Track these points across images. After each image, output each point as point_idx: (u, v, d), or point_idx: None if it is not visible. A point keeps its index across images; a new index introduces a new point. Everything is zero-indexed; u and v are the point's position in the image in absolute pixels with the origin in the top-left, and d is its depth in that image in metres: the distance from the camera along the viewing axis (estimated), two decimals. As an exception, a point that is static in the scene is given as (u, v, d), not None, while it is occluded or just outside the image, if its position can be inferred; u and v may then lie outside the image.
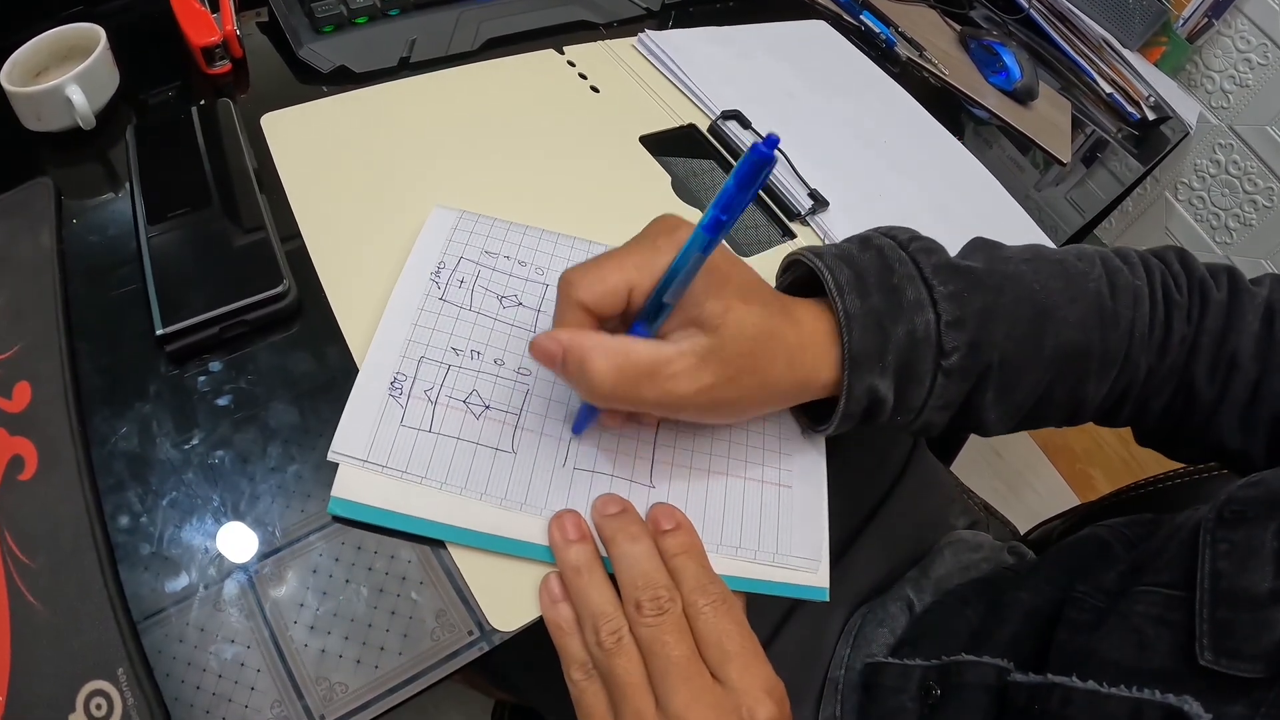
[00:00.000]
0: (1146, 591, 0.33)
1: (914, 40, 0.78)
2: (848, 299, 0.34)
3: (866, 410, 0.35)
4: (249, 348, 0.39)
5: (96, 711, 0.28)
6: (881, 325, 0.34)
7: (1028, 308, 0.35)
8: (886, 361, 0.34)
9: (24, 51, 0.46)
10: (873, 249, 0.36)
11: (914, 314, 0.34)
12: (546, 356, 0.32)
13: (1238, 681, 0.28)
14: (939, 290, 0.34)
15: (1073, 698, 0.31)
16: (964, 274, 0.35)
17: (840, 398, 0.34)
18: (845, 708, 0.46)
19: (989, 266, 0.36)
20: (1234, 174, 1.10)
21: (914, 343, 0.34)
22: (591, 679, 0.32)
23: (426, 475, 0.34)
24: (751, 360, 0.33)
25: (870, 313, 0.34)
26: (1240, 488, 0.32)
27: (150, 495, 0.34)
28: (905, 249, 0.36)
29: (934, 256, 0.36)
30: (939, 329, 0.34)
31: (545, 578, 0.34)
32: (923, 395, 0.35)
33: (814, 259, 0.36)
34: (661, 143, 0.56)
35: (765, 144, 0.27)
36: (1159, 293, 0.37)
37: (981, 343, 0.34)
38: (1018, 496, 1.33)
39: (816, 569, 0.37)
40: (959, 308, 0.34)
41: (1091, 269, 0.37)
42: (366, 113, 0.51)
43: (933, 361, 0.34)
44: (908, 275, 0.35)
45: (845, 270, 0.35)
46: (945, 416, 0.36)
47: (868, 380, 0.34)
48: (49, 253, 0.40)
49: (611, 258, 0.33)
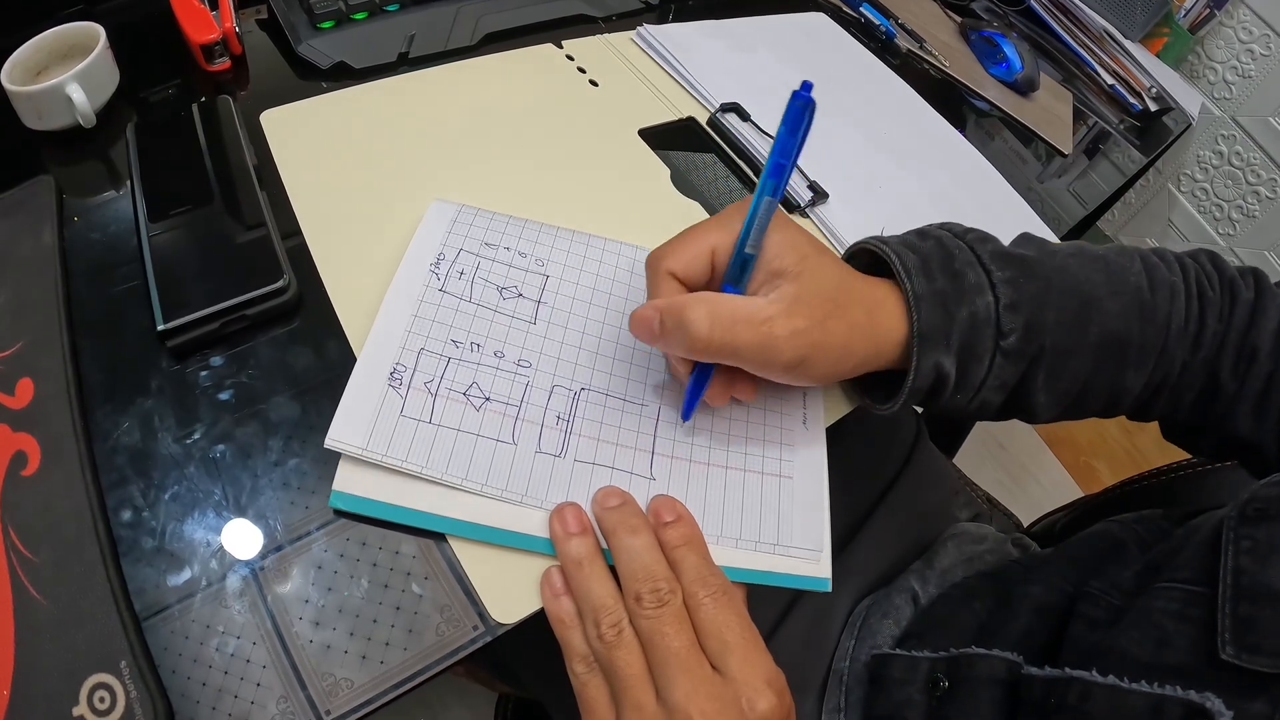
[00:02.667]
0: (1167, 587, 0.33)
1: (914, 32, 0.78)
2: (916, 280, 0.35)
3: (932, 387, 0.36)
4: (250, 342, 0.39)
5: (100, 704, 0.28)
6: (946, 306, 0.35)
7: (1074, 298, 0.37)
8: (951, 340, 0.35)
9: (24, 50, 0.46)
10: (932, 238, 0.38)
11: (975, 296, 0.36)
12: (644, 325, 0.34)
13: (1258, 677, 0.28)
14: (996, 275, 0.36)
15: (1092, 693, 0.31)
16: (1018, 262, 0.37)
17: (909, 373, 0.35)
18: (850, 699, 0.46)
19: (1039, 257, 0.38)
20: (1236, 165, 1.10)
21: (975, 323, 0.35)
22: (593, 671, 0.32)
23: (427, 467, 0.34)
24: (835, 305, 0.34)
25: (936, 294, 0.35)
26: (1263, 486, 0.33)
27: (153, 490, 0.34)
28: (962, 239, 0.38)
29: (989, 244, 0.38)
30: (998, 311, 0.35)
31: (546, 571, 0.34)
32: (982, 374, 0.36)
33: (879, 245, 0.38)
34: (661, 136, 0.56)
35: (803, 89, 0.32)
36: (1194, 289, 0.39)
37: (1035, 325, 0.36)
38: (1021, 488, 1.33)
39: (818, 559, 0.37)
40: (1015, 291, 0.36)
41: (1131, 265, 0.39)
42: (366, 108, 0.51)
43: (992, 341, 0.36)
44: (967, 261, 0.37)
45: (911, 255, 0.36)
46: (1000, 397, 0.37)
47: (935, 356, 0.35)
48: (51, 250, 0.40)
49: (691, 230, 0.35)
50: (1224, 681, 0.28)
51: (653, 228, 0.49)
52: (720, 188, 0.55)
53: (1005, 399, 0.38)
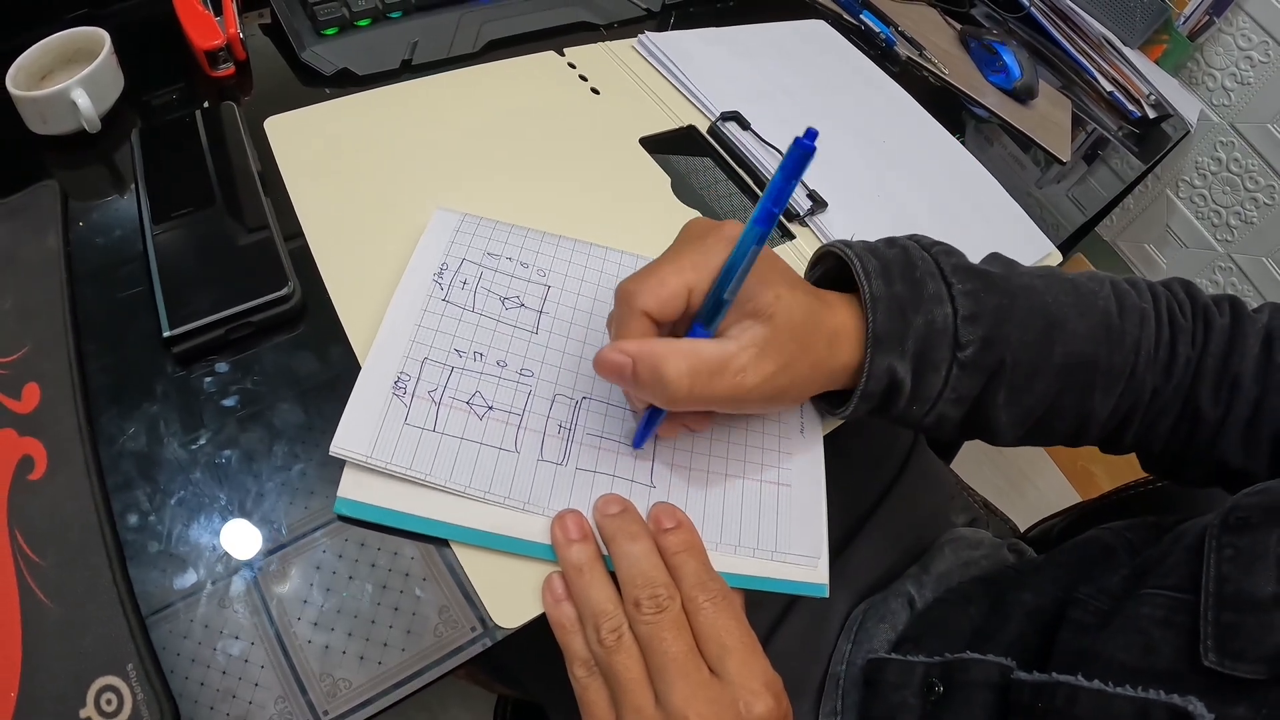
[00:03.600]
0: (1152, 594, 0.34)
1: (914, 39, 0.78)
2: (874, 283, 0.36)
3: (885, 392, 0.36)
4: (254, 349, 0.40)
5: (107, 706, 0.29)
6: (904, 312, 0.35)
7: (1040, 317, 0.37)
8: (906, 346, 0.35)
9: (29, 55, 0.47)
10: (898, 246, 0.38)
11: (933, 306, 0.36)
12: (613, 369, 0.32)
13: (1241, 683, 0.28)
14: (957, 288, 0.36)
15: (1079, 696, 0.32)
16: (980, 276, 0.37)
17: (861, 374, 0.36)
18: (846, 703, 0.47)
19: (1005, 274, 0.38)
20: (1235, 172, 1.10)
21: (932, 332, 0.35)
22: (594, 676, 0.32)
23: (430, 475, 0.35)
24: (801, 345, 0.34)
25: (894, 299, 0.35)
26: (1245, 495, 0.33)
27: (158, 494, 0.35)
28: (928, 250, 0.38)
29: (953, 258, 0.38)
30: (956, 322, 0.36)
31: (548, 577, 0.34)
32: (938, 385, 0.36)
33: (844, 249, 0.38)
34: (661, 144, 0.56)
35: (806, 138, 0.31)
36: (1164, 316, 0.39)
37: (995, 339, 0.36)
38: (1019, 493, 1.33)
39: (816, 565, 0.38)
40: (975, 304, 0.36)
41: (1100, 289, 0.39)
42: (369, 115, 0.51)
43: (949, 351, 0.36)
44: (929, 271, 0.37)
45: (872, 260, 0.37)
46: (958, 411, 0.37)
47: (888, 359, 0.35)
48: (56, 255, 0.40)
49: (665, 263, 0.33)
50: (1207, 687, 0.29)
51: (653, 235, 0.49)
52: (720, 194, 0.56)
53: (964, 414, 0.38)
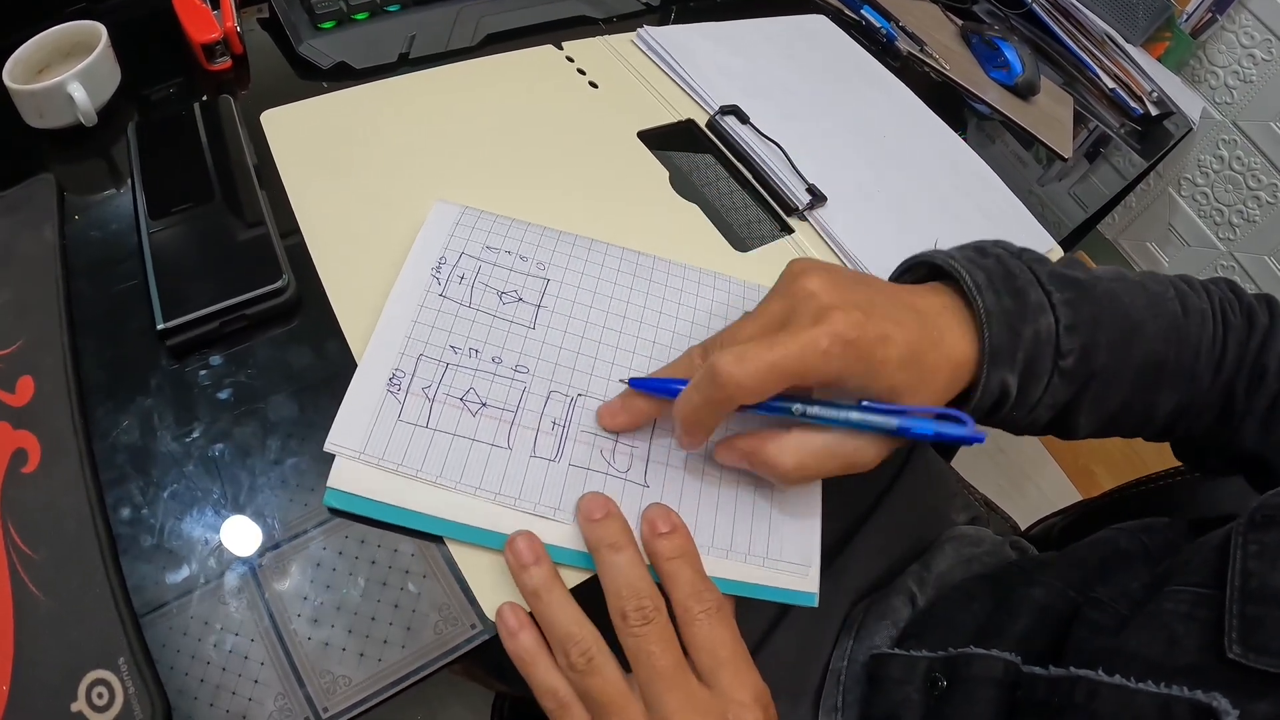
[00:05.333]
0: (1175, 590, 0.34)
1: (915, 35, 0.78)
2: (986, 297, 0.35)
3: (994, 403, 0.36)
4: (249, 342, 0.39)
5: (98, 700, 0.29)
6: (1013, 325, 0.35)
7: (1123, 321, 0.37)
8: (1017, 359, 0.35)
9: (26, 49, 0.46)
10: (991, 256, 0.37)
11: (1038, 316, 0.35)
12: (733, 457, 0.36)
13: (1264, 677, 0.28)
14: (1056, 296, 0.36)
15: (1099, 692, 0.31)
16: (1074, 284, 0.37)
17: (976, 389, 0.35)
18: (847, 700, 0.46)
19: (1091, 280, 0.38)
20: (1237, 170, 1.10)
21: (1039, 343, 0.35)
22: (565, 708, 0.31)
23: (421, 470, 0.34)
24: (866, 286, 0.35)
25: (1004, 312, 0.35)
26: (1272, 495, 0.33)
27: (152, 488, 0.34)
28: (1019, 258, 0.38)
29: (1046, 265, 0.38)
30: (1058, 332, 0.35)
31: (499, 610, 0.33)
32: (1039, 393, 0.36)
33: (946, 259, 0.37)
34: (660, 138, 0.56)
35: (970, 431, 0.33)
36: (1218, 314, 0.39)
37: (1090, 347, 0.36)
38: (1019, 492, 1.33)
39: (806, 573, 0.37)
40: (1074, 313, 0.36)
41: (1166, 290, 0.39)
42: (366, 109, 0.51)
43: (1051, 361, 0.35)
44: (1028, 281, 0.36)
45: (979, 273, 0.36)
46: (1049, 415, 0.37)
47: (1001, 374, 0.35)
48: (51, 248, 0.40)
49: (768, 348, 0.32)
50: (1230, 681, 0.28)
51: (651, 229, 0.50)
52: (719, 189, 0.55)
53: (1052, 417, 0.38)
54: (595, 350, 0.40)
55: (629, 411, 0.37)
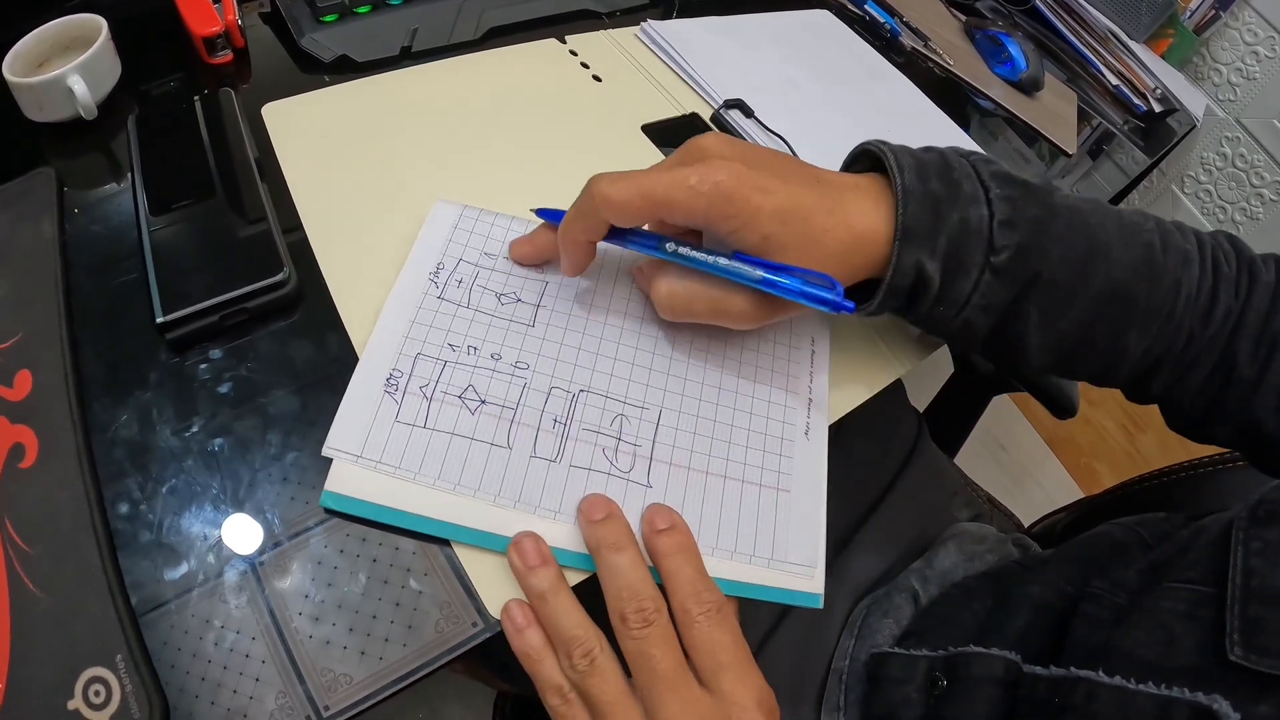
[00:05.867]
0: (1174, 588, 0.33)
1: (919, 30, 0.78)
2: (907, 177, 0.35)
3: (911, 288, 0.35)
4: (249, 336, 0.39)
5: (95, 698, 0.28)
6: (937, 208, 0.34)
7: (1082, 239, 0.36)
8: (938, 243, 0.34)
9: (26, 42, 0.46)
10: (935, 151, 0.37)
11: (969, 205, 0.35)
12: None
13: (1266, 679, 0.28)
14: (995, 192, 0.35)
15: (1098, 693, 0.31)
16: (1020, 185, 0.36)
17: (888, 267, 0.35)
18: (849, 698, 0.46)
19: (1047, 189, 0.37)
20: (1241, 167, 1.09)
21: (966, 231, 0.34)
22: (569, 703, 0.31)
23: (420, 472, 0.34)
24: (767, 154, 0.35)
25: (928, 195, 0.34)
26: (1273, 489, 0.33)
27: (150, 483, 0.34)
28: (966, 158, 0.37)
29: (992, 165, 0.37)
30: (991, 225, 0.35)
31: (505, 606, 0.33)
32: (968, 288, 0.35)
33: (879, 145, 0.37)
34: (664, 132, 0.55)
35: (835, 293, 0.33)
36: (1208, 261, 0.38)
37: (1031, 249, 0.35)
38: (1022, 490, 1.33)
39: (811, 574, 0.37)
40: (1013, 210, 0.35)
41: (1145, 222, 0.38)
42: (368, 102, 0.51)
43: (982, 255, 0.35)
44: (965, 173, 0.36)
45: (908, 158, 0.36)
46: (988, 320, 0.36)
47: (917, 255, 0.34)
48: (51, 242, 0.40)
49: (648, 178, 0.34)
50: (1231, 683, 0.28)
51: (655, 224, 0.49)
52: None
53: (994, 325, 0.37)
54: (597, 346, 0.40)
55: (533, 243, 0.41)
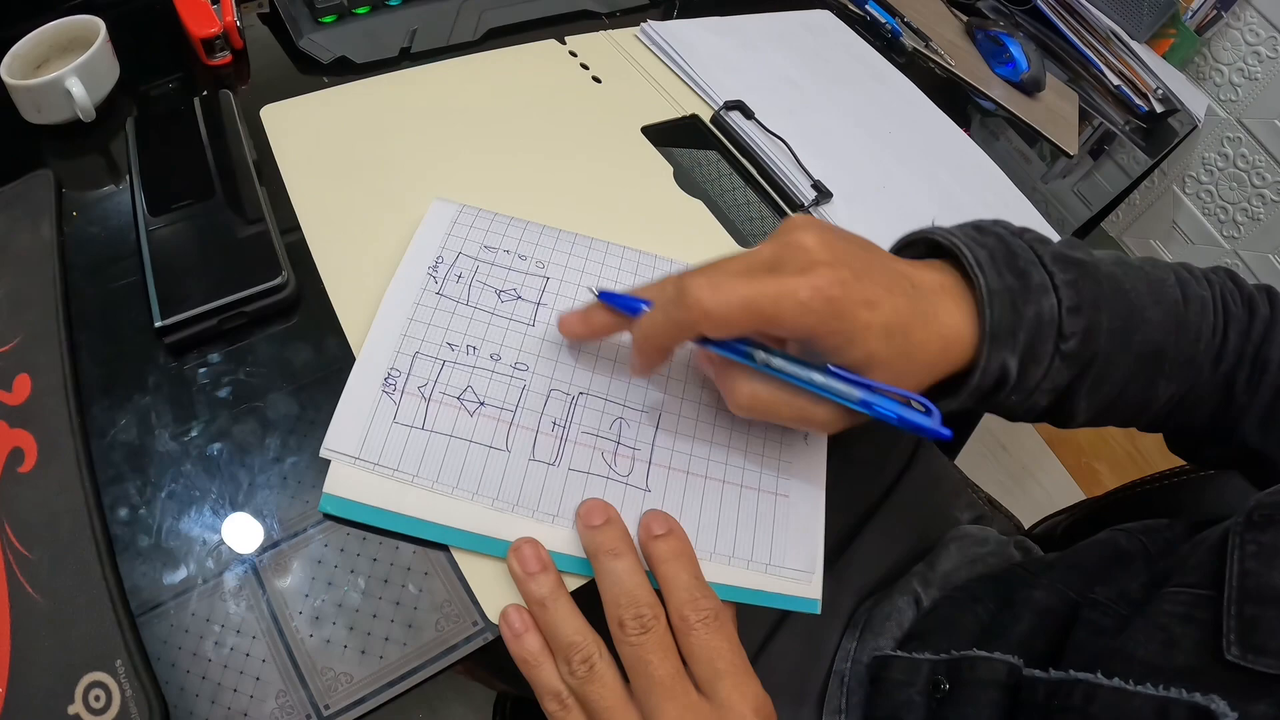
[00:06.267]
0: (1174, 592, 0.33)
1: (920, 30, 0.77)
2: (988, 275, 0.34)
3: (993, 386, 0.35)
4: (248, 339, 0.39)
5: (95, 703, 0.28)
6: (1015, 305, 0.34)
7: (1123, 306, 0.36)
8: (1018, 340, 0.34)
9: (24, 44, 0.46)
10: (991, 234, 0.36)
11: (1040, 297, 0.34)
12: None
13: (1263, 678, 0.28)
14: (1059, 277, 0.35)
15: (1097, 695, 0.31)
16: (1076, 265, 0.36)
17: (975, 371, 0.34)
18: (851, 701, 0.46)
19: (1093, 261, 0.37)
20: (1242, 167, 1.09)
21: (1040, 324, 0.34)
22: (568, 709, 0.31)
23: (418, 475, 0.34)
24: (863, 249, 0.33)
25: (1007, 291, 0.34)
26: (1268, 494, 0.33)
27: (149, 487, 0.34)
28: (1020, 237, 0.37)
29: (1048, 246, 0.36)
30: (1061, 313, 0.34)
31: (504, 612, 0.33)
32: (1039, 376, 0.35)
33: (945, 236, 0.36)
34: (664, 133, 0.55)
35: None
36: (1219, 304, 0.39)
37: (1092, 331, 0.35)
38: (1023, 490, 1.33)
39: (810, 580, 0.36)
40: (1077, 295, 0.35)
41: (1168, 277, 0.38)
42: (367, 104, 0.50)
43: (1053, 344, 0.35)
44: (1030, 260, 0.35)
45: (981, 252, 0.35)
46: (1048, 400, 0.37)
47: (1002, 356, 0.34)
48: (49, 245, 0.40)
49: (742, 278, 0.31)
50: (1228, 683, 0.28)
51: (654, 225, 0.49)
52: (723, 185, 0.55)
53: (1050, 402, 0.37)
54: (597, 348, 0.40)
55: (588, 323, 0.37)
